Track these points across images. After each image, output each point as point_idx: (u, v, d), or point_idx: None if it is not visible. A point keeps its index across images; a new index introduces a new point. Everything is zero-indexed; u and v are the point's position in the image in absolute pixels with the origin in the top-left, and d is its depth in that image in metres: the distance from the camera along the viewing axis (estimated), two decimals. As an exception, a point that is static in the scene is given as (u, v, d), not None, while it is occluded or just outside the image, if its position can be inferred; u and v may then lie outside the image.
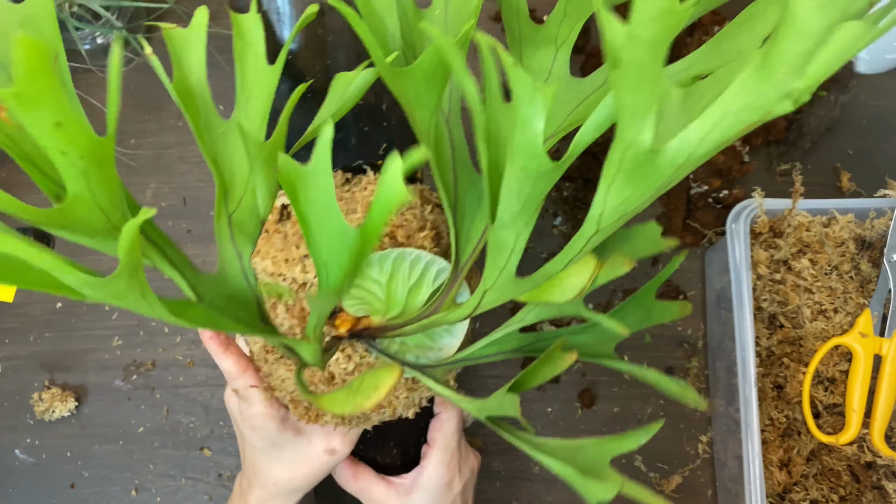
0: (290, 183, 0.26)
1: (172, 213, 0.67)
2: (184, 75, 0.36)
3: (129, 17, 0.66)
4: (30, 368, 0.65)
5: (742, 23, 0.35)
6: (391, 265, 0.37)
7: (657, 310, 0.40)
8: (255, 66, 0.37)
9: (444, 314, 0.36)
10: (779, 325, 0.60)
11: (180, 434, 0.63)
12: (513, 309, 0.65)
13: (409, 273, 0.37)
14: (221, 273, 0.36)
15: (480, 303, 0.34)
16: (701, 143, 0.25)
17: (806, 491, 0.58)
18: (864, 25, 0.22)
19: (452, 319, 0.35)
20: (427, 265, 0.37)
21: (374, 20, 0.34)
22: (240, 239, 0.36)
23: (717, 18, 0.64)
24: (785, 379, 0.59)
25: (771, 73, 0.23)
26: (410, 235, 0.39)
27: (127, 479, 0.63)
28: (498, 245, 0.31)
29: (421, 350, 0.39)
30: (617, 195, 0.27)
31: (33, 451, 0.63)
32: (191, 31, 0.36)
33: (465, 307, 0.34)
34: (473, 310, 0.34)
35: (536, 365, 0.36)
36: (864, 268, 0.59)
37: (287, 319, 0.39)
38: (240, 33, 0.37)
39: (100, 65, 0.70)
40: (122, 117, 0.69)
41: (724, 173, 0.64)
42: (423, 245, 0.39)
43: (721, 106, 0.24)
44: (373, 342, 0.39)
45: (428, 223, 0.40)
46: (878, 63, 0.70)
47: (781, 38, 0.23)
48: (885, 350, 0.56)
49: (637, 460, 0.63)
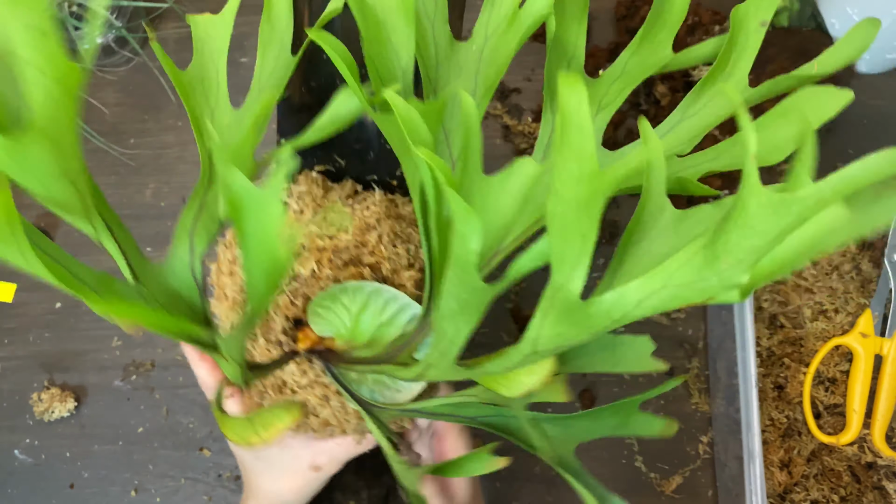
0: (236, 202, 0.24)
1: (172, 213, 0.67)
2: (202, 61, 0.35)
3: (129, 16, 0.66)
4: (29, 369, 0.65)
5: (777, 116, 0.33)
6: (365, 298, 0.36)
7: (637, 421, 0.36)
8: (278, 55, 0.35)
9: (394, 367, 0.34)
10: (779, 326, 0.60)
11: (180, 434, 0.63)
12: (519, 323, 0.65)
13: (381, 310, 0.36)
14: (169, 266, 0.34)
15: (422, 373, 0.32)
16: (637, 306, 0.24)
17: (807, 491, 0.58)
18: (819, 236, 0.21)
19: (398, 376, 0.34)
20: (401, 308, 0.36)
21: (382, 49, 0.32)
22: (199, 234, 0.35)
23: (717, 18, 0.64)
24: (785, 379, 0.59)
25: (715, 261, 0.22)
26: (396, 271, 0.38)
27: (126, 479, 0.63)
28: (440, 331, 0.30)
29: (378, 386, 0.37)
30: (551, 329, 0.26)
31: (32, 452, 0.63)
32: (220, 19, 0.35)
33: (409, 371, 0.33)
34: (415, 377, 0.33)
35: (462, 459, 0.34)
36: (865, 268, 0.59)
37: None
38: (269, 17, 0.35)
39: (99, 64, 0.69)
40: (121, 117, 0.69)
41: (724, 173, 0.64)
42: (404, 285, 0.38)
43: (663, 275, 0.23)
44: (330, 366, 0.37)
45: (418, 263, 0.38)
46: (879, 63, 0.70)
47: (730, 228, 0.22)
48: (886, 350, 0.56)
49: (637, 460, 0.63)
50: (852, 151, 0.69)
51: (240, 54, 0.69)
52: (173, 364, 0.65)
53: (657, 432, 0.36)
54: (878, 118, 0.70)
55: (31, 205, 0.66)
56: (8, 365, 0.65)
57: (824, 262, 0.59)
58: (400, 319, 0.36)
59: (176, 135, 0.69)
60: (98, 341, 0.65)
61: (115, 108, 0.69)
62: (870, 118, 0.70)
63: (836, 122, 0.67)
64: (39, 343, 0.65)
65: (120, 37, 0.67)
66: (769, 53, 0.66)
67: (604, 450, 0.63)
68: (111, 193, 0.68)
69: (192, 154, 0.68)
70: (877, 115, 0.71)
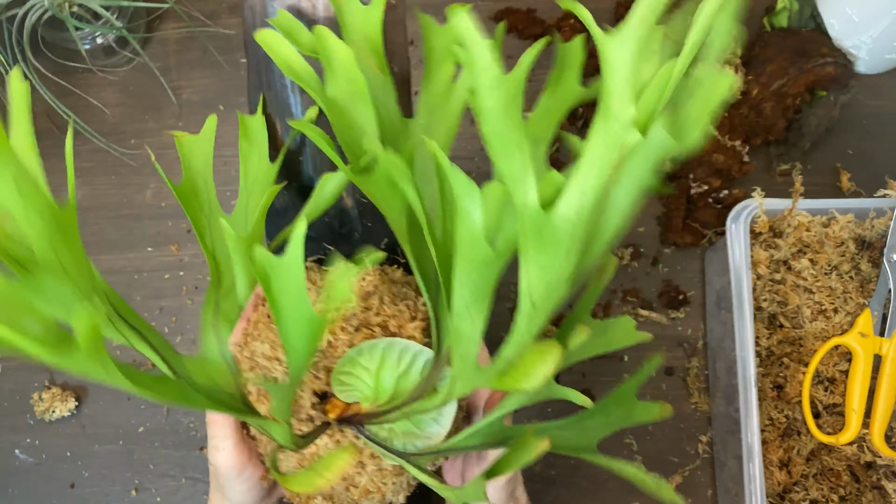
0: (263, 273, 0.29)
1: (172, 213, 0.67)
2: (191, 176, 0.40)
3: (129, 16, 0.66)
4: (30, 368, 0.65)
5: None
6: (381, 354, 0.38)
7: (639, 410, 0.41)
8: (259, 165, 0.41)
9: (423, 402, 0.36)
10: (779, 325, 0.60)
11: (180, 434, 0.64)
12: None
13: (397, 362, 0.38)
14: (202, 357, 0.39)
15: (450, 391, 0.35)
16: (583, 194, 0.27)
17: (806, 491, 0.58)
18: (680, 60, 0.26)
19: (429, 406, 0.37)
20: (415, 356, 0.38)
21: (350, 130, 0.38)
22: (222, 325, 0.39)
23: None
24: (785, 379, 0.59)
25: (608, 110, 0.27)
26: (402, 326, 0.40)
27: (127, 478, 0.63)
28: (458, 335, 0.33)
29: (408, 438, 0.39)
30: (534, 264, 0.29)
31: (33, 451, 0.64)
32: (200, 138, 0.41)
33: (440, 395, 0.36)
34: (445, 397, 0.35)
35: (511, 452, 0.36)
36: (864, 268, 0.59)
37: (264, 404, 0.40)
38: (245, 134, 0.42)
39: (100, 64, 0.70)
40: (122, 117, 0.69)
41: (724, 173, 0.64)
42: (412, 335, 0.40)
43: (587, 155, 0.27)
44: (361, 428, 0.39)
45: (419, 314, 0.41)
46: (878, 63, 0.70)
47: (606, 78, 0.27)
48: (885, 350, 0.56)
49: (637, 459, 0.63)
50: (852, 151, 0.69)
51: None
52: (174, 364, 0.65)
53: (657, 415, 0.41)
54: (877, 118, 0.71)
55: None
56: (9, 364, 0.65)
57: (823, 262, 0.59)
58: (416, 367, 0.38)
59: (176, 135, 0.69)
60: (99, 341, 0.65)
61: (116, 109, 0.69)
62: (869, 118, 0.70)
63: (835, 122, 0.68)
64: (40, 343, 0.65)
65: (121, 37, 0.67)
66: (768, 54, 0.66)
67: (603, 450, 0.63)
68: (112, 193, 0.68)
69: (192, 154, 0.69)
70: (876, 115, 0.71)
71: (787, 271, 0.60)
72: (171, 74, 0.70)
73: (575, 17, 0.71)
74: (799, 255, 0.60)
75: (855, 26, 0.66)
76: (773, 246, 0.60)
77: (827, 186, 0.69)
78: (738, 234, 0.57)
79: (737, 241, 0.57)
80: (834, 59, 0.65)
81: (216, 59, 0.70)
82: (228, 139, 0.69)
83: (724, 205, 0.65)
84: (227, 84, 0.70)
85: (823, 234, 0.60)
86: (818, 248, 0.59)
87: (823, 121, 0.67)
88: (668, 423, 0.64)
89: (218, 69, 0.70)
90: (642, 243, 0.67)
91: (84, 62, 0.69)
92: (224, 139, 0.69)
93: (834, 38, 0.68)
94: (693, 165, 0.64)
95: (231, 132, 0.69)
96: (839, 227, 0.59)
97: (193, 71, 0.70)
